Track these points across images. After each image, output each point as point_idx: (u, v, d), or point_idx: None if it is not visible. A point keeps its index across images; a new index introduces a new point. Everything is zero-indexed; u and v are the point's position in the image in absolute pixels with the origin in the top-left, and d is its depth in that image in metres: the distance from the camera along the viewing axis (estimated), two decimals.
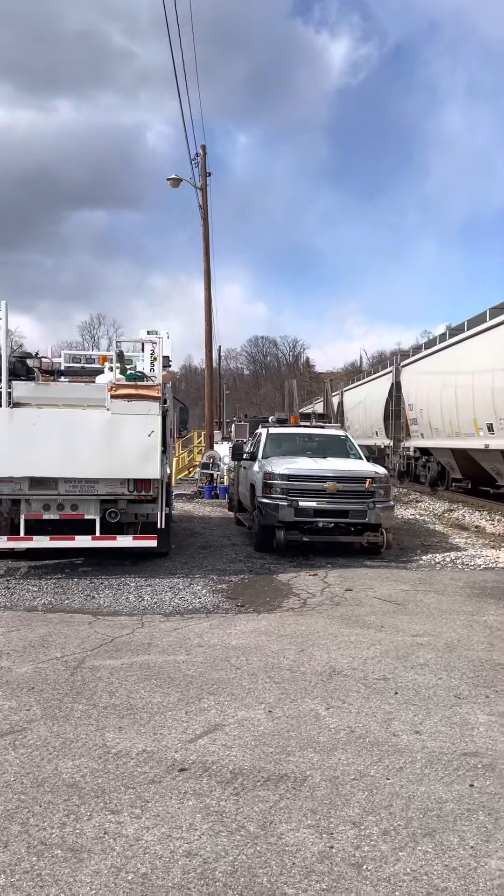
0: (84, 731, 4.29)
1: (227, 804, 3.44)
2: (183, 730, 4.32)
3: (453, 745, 4.11)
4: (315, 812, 3.37)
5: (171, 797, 3.51)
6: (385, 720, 4.48)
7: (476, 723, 4.45)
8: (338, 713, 4.59)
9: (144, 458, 8.63)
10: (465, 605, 7.68)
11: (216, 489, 20.75)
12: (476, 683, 5.18)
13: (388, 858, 3.00)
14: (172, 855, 3.02)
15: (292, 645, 6.12)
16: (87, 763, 3.87)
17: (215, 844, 3.10)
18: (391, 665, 5.58)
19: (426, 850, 3.06)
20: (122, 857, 3.00)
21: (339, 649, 6.00)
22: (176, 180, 22.91)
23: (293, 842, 3.12)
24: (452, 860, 2.99)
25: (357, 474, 10.70)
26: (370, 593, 8.22)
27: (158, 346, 9.57)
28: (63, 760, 3.90)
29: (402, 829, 3.23)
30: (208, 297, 23.65)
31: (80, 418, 8.62)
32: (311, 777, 3.72)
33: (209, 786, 3.62)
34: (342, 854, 3.03)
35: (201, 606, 7.59)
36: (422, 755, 3.98)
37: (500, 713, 4.60)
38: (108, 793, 3.55)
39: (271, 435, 12.59)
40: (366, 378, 32.78)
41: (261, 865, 2.94)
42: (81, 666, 5.51)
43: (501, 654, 5.88)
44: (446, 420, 19.11)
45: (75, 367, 11.48)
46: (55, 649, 5.95)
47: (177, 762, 3.88)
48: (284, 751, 4.03)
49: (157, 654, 5.86)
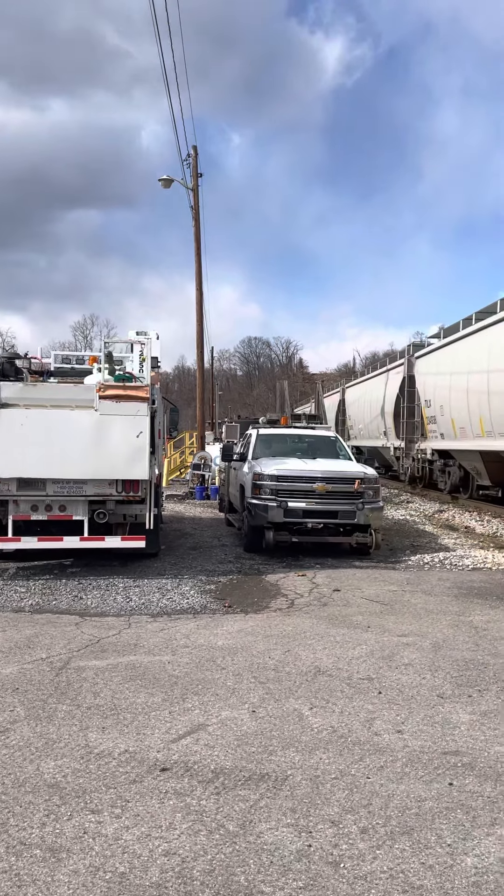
0: (67, 731, 4.30)
1: (207, 803, 3.45)
2: (166, 730, 4.33)
3: (434, 744, 4.13)
4: (295, 811, 3.38)
5: (152, 797, 3.52)
6: (368, 720, 4.50)
7: (458, 722, 4.47)
8: (321, 713, 4.61)
9: (133, 459, 8.63)
10: (451, 605, 7.71)
11: (207, 490, 20.76)
12: (460, 683, 5.20)
13: (366, 856, 3.02)
14: (151, 854, 3.03)
15: (278, 645, 6.13)
16: (69, 763, 3.87)
17: (194, 843, 3.11)
18: (376, 665, 5.61)
19: (403, 848, 3.08)
20: (100, 857, 3.01)
21: (324, 649, 6.02)
22: (167, 181, 22.91)
23: (272, 840, 3.13)
24: (429, 858, 3.01)
25: (346, 475, 10.72)
26: (358, 594, 8.24)
27: (147, 347, 9.58)
28: (45, 761, 3.90)
29: (381, 827, 3.25)
30: (200, 297, 23.67)
31: (68, 419, 8.62)
32: (292, 776, 3.73)
33: (190, 785, 3.64)
34: (320, 852, 3.04)
35: (189, 607, 7.59)
36: (403, 754, 4.00)
37: (482, 712, 4.63)
38: (89, 793, 3.56)
39: (261, 436, 12.61)
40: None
41: (239, 864, 2.96)
42: (67, 667, 5.51)
43: (486, 654, 5.91)
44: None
45: (65, 368, 11.46)
46: (41, 650, 5.95)
47: (159, 762, 3.89)
48: (266, 750, 4.04)
49: (143, 654, 5.87)
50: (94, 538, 8.96)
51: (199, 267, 23.59)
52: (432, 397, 19.91)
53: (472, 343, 16.88)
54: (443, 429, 19.17)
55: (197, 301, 23.64)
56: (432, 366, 20.09)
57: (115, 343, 10.64)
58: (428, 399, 20.38)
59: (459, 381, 17.28)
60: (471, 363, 16.52)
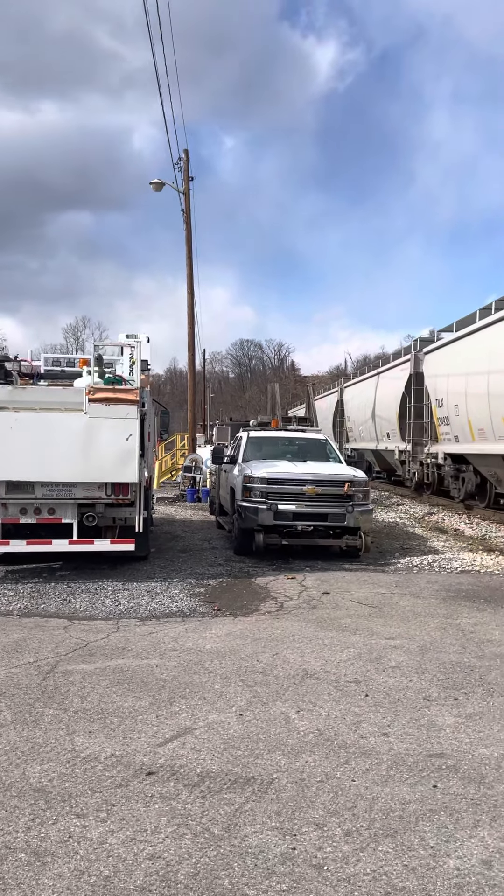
0: (54, 735, 4.30)
1: (192, 807, 3.47)
2: (153, 734, 4.33)
3: (419, 747, 4.16)
4: (280, 814, 3.40)
5: (138, 801, 3.53)
6: (354, 723, 4.52)
7: (443, 724, 4.50)
8: (308, 716, 4.62)
9: (122, 462, 8.64)
10: (439, 608, 7.74)
11: (199, 492, 20.77)
12: (446, 686, 5.23)
13: (350, 859, 3.04)
14: (136, 858, 3.04)
15: (267, 648, 6.15)
16: (55, 767, 3.88)
17: (179, 847, 3.12)
18: (363, 668, 5.63)
19: (387, 850, 3.10)
20: (85, 861, 3.02)
21: (312, 652, 6.04)
22: (159, 184, 22.93)
23: (256, 844, 3.15)
24: (412, 860, 3.03)
25: (336, 478, 10.75)
26: (347, 596, 8.27)
27: (137, 350, 9.58)
28: (31, 765, 3.90)
29: (365, 829, 3.27)
30: (191, 300, 23.68)
31: (57, 422, 8.61)
32: (277, 780, 3.75)
33: (176, 789, 3.65)
34: (304, 855, 3.06)
35: (178, 610, 7.60)
36: (388, 757, 4.02)
37: (467, 715, 4.66)
38: (75, 797, 3.56)
39: (251, 438, 12.63)
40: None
41: (223, 867, 2.97)
42: (54, 671, 5.51)
43: (473, 657, 5.94)
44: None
45: (55, 371, 11.47)
46: (28, 654, 5.94)
47: (145, 766, 3.90)
48: (253, 754, 4.06)
49: (131, 658, 5.87)
50: (84, 541, 8.95)
51: (191, 270, 23.63)
52: (445, 396, 17.92)
53: (492, 334, 15.08)
54: (457, 430, 17.26)
55: (188, 304, 23.66)
56: (445, 361, 18.19)
57: (105, 346, 10.64)
58: (439, 398, 18.40)
59: (478, 377, 15.37)
60: (492, 357, 14.80)
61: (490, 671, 5.57)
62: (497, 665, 5.73)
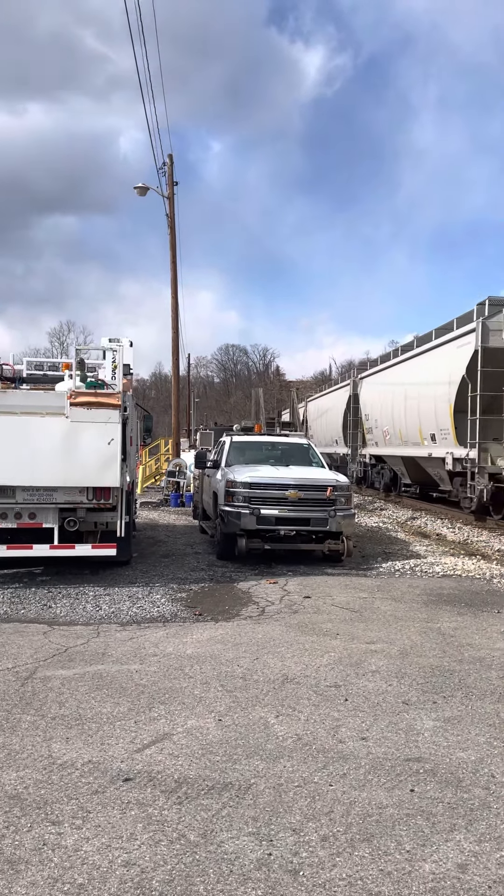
0: (30, 742, 4.26)
1: (169, 813, 3.45)
2: (131, 739, 4.31)
3: (397, 751, 4.16)
4: (256, 819, 3.39)
5: (114, 807, 3.50)
6: (333, 727, 4.52)
7: (422, 728, 4.51)
8: (287, 721, 4.62)
9: (104, 466, 8.60)
10: (420, 612, 7.77)
11: (182, 497, 20.71)
12: (425, 689, 5.25)
13: (325, 864, 3.03)
14: (111, 865, 3.02)
15: (247, 653, 6.13)
16: (30, 774, 3.84)
17: (154, 854, 3.10)
18: (343, 672, 5.63)
19: (363, 855, 3.10)
20: (59, 868, 2.99)
21: (293, 657, 6.03)
22: (143, 189, 22.91)
23: (232, 850, 3.13)
24: (388, 865, 3.03)
25: (318, 482, 10.77)
26: (328, 601, 8.27)
27: (119, 354, 9.55)
28: (6, 772, 3.86)
29: (342, 834, 3.27)
30: (175, 305, 23.66)
31: (38, 426, 8.56)
32: (255, 785, 3.74)
33: (153, 795, 3.62)
34: (280, 861, 3.05)
35: (159, 615, 7.57)
36: (366, 761, 4.02)
37: (445, 719, 4.67)
38: (51, 804, 3.53)
39: (235, 443, 12.62)
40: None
41: (198, 874, 2.95)
42: (33, 676, 5.47)
43: (452, 661, 5.96)
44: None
45: (37, 375, 11.42)
46: (7, 660, 5.89)
47: (122, 772, 3.88)
48: (231, 759, 4.04)
49: (111, 663, 5.84)
50: (65, 546, 8.90)
51: (175, 275, 23.61)
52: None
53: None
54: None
55: (173, 308, 23.64)
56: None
57: (88, 350, 10.60)
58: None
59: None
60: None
61: (469, 675, 5.59)
62: (476, 669, 5.75)
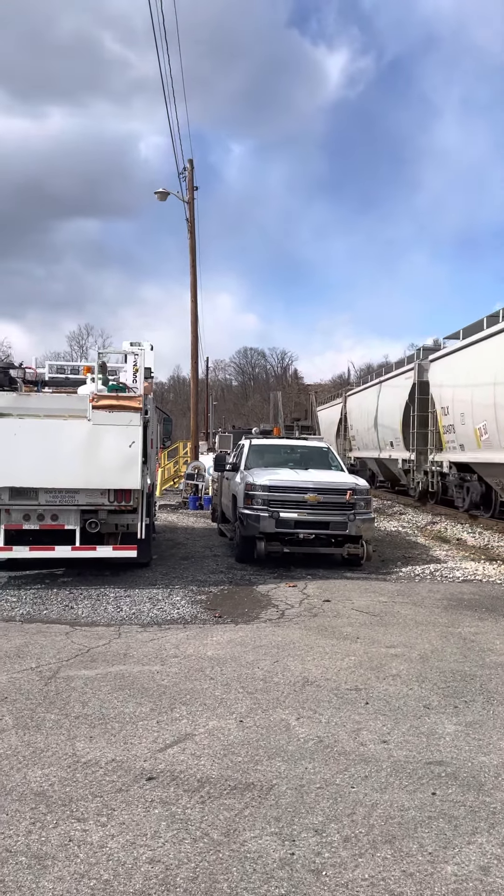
0: (55, 740, 4.32)
1: (192, 812, 3.48)
2: (153, 739, 4.35)
3: (419, 755, 4.17)
4: (279, 819, 3.42)
5: (138, 805, 3.55)
6: (354, 730, 4.53)
7: (443, 732, 4.51)
8: (308, 723, 4.64)
9: (125, 469, 8.67)
10: (441, 616, 7.75)
11: (201, 500, 20.79)
12: (446, 694, 5.24)
13: (348, 865, 3.05)
14: (136, 862, 3.06)
15: (267, 656, 6.16)
16: (55, 772, 3.90)
17: (178, 851, 3.14)
18: (364, 676, 5.64)
19: (385, 856, 3.12)
20: (85, 864, 3.04)
21: (313, 660, 6.05)
22: (163, 194, 23.06)
23: (255, 849, 3.17)
24: (410, 866, 3.04)
25: (338, 486, 10.78)
26: (348, 605, 8.28)
27: (140, 358, 9.64)
28: (32, 769, 3.93)
29: (364, 836, 3.28)
30: (194, 309, 23.77)
31: (61, 429, 8.66)
32: (277, 786, 3.77)
33: (176, 794, 3.67)
34: (303, 860, 3.08)
35: (179, 617, 7.62)
36: (388, 764, 4.04)
37: (467, 723, 4.67)
38: (76, 801, 3.58)
39: (254, 446, 12.66)
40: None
41: (222, 872, 2.99)
42: (56, 676, 5.54)
43: (473, 666, 5.95)
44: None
45: (59, 378, 11.53)
46: (30, 659, 5.97)
47: (145, 771, 3.92)
48: (253, 760, 4.07)
49: (133, 664, 5.89)
50: (86, 547, 8.98)
51: (195, 279, 23.72)
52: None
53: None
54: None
55: (192, 312, 23.75)
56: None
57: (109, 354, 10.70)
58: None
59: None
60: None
61: (491, 680, 5.58)
62: (498, 674, 5.74)
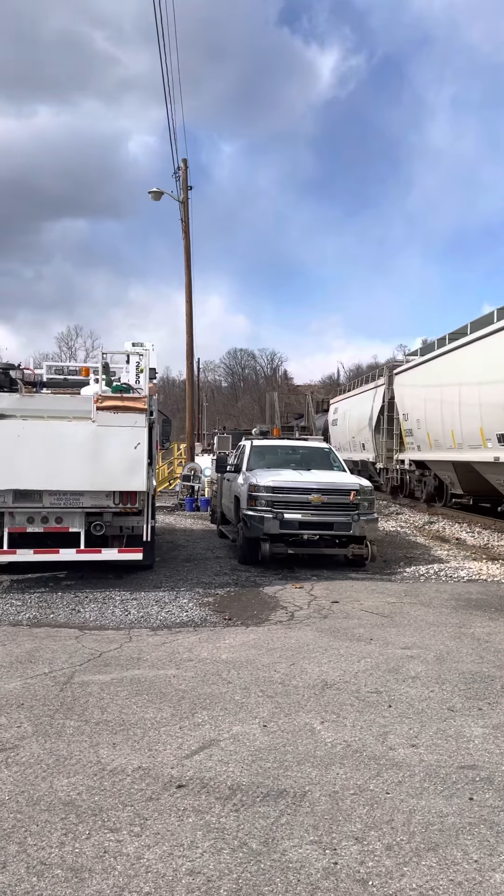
0: (77, 747, 4.23)
1: (227, 821, 3.40)
2: (178, 745, 4.27)
3: (450, 759, 4.11)
4: (317, 828, 3.34)
5: (171, 814, 3.46)
6: (381, 734, 4.46)
7: (471, 735, 4.45)
8: (333, 727, 4.57)
9: (130, 471, 8.58)
10: (451, 617, 7.70)
11: (197, 501, 20.69)
12: (468, 696, 5.19)
13: (393, 874, 2.98)
14: (175, 874, 2.97)
15: (283, 658, 6.09)
16: (82, 780, 3.81)
17: (218, 862, 3.06)
18: (383, 678, 5.58)
19: (431, 864, 3.05)
20: (124, 877, 2.95)
21: (329, 662, 5.98)
22: (157, 193, 22.96)
23: (297, 858, 3.09)
24: (457, 875, 2.98)
25: (342, 487, 10.73)
26: (357, 606, 8.22)
27: (144, 359, 9.55)
28: (58, 778, 3.83)
29: (406, 843, 3.21)
30: (189, 310, 23.68)
31: (65, 430, 8.55)
32: (310, 792, 3.69)
33: (208, 802, 3.58)
34: (347, 870, 3.00)
35: (189, 620, 7.53)
36: (420, 769, 3.97)
37: (494, 725, 4.62)
38: (106, 811, 3.49)
39: (255, 447, 12.58)
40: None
41: (265, 883, 2.91)
42: (71, 681, 5.44)
43: (491, 667, 5.90)
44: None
45: (57, 379, 11.41)
46: (43, 665, 5.86)
47: (174, 778, 3.84)
48: (282, 766, 4.00)
49: (147, 668, 5.80)
50: (91, 550, 8.88)
51: (189, 280, 23.62)
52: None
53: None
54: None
55: (187, 313, 23.65)
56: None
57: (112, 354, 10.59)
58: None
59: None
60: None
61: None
62: None
